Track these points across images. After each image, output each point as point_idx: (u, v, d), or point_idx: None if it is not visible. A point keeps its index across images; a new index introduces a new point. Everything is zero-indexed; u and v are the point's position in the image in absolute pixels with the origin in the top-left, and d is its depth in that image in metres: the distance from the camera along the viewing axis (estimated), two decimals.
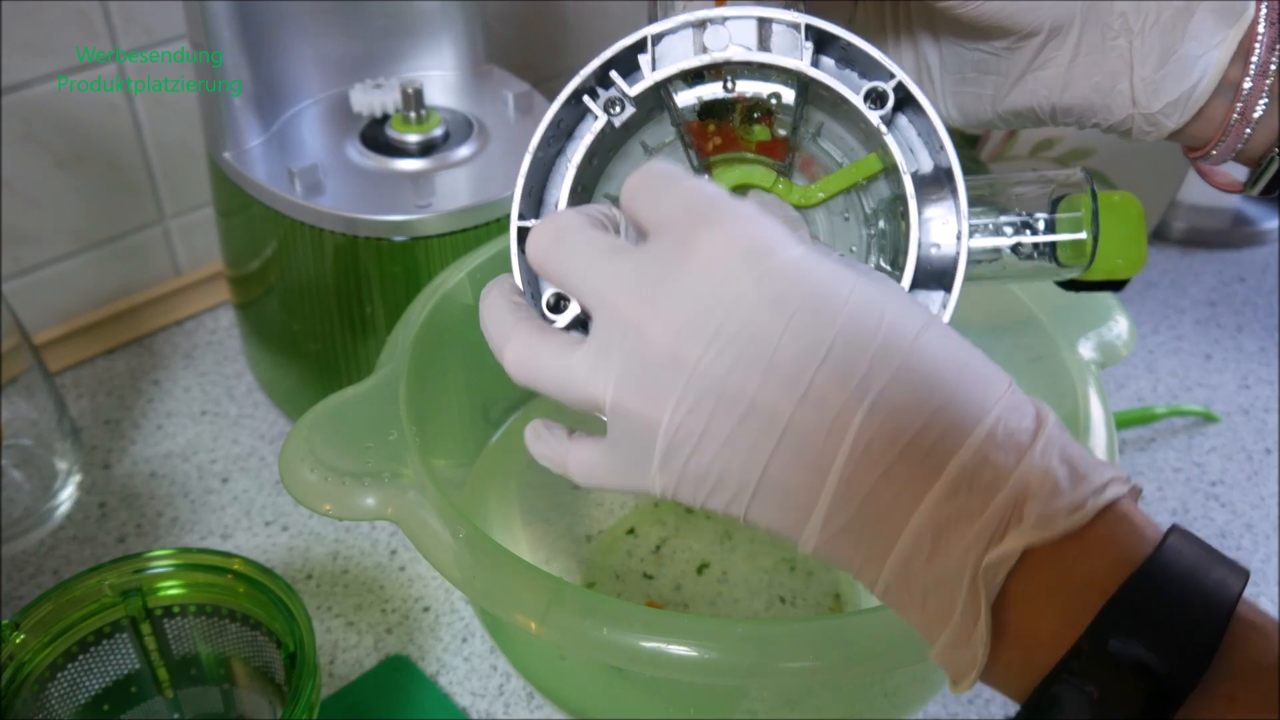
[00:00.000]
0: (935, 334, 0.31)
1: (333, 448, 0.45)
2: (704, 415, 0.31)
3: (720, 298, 0.31)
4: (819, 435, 0.30)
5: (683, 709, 0.49)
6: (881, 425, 0.30)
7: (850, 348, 0.30)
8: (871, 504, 0.30)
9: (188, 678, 0.51)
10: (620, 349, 0.32)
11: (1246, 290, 0.85)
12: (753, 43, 0.37)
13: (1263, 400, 0.75)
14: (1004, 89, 0.42)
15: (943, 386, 0.30)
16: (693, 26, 0.37)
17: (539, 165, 0.39)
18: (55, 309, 0.76)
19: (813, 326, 0.30)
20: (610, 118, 0.38)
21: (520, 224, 0.39)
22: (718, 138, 0.39)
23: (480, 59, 0.72)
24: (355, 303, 0.63)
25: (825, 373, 0.30)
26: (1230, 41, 0.39)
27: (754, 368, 0.30)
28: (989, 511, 0.29)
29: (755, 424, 0.31)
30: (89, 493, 0.68)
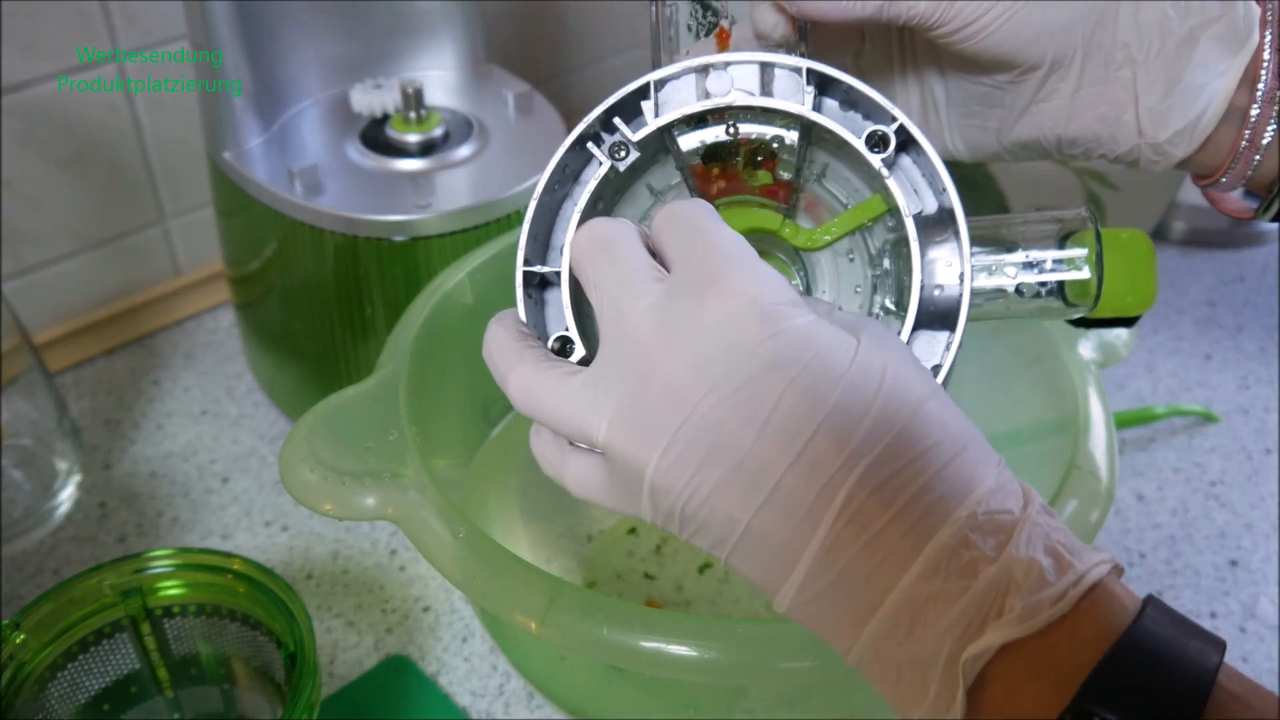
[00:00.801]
0: (934, 407, 0.31)
1: (333, 448, 0.45)
2: (694, 462, 0.31)
3: (728, 350, 0.31)
4: (808, 497, 0.30)
5: (683, 709, 0.49)
6: (871, 495, 0.30)
7: (848, 413, 0.30)
8: (852, 573, 0.30)
9: (188, 678, 0.51)
10: (620, 384, 0.32)
11: (1246, 290, 0.85)
12: (755, 87, 0.37)
13: (1262, 400, 0.75)
14: (1009, 122, 0.42)
15: (933, 461, 0.30)
16: (695, 72, 0.37)
17: (545, 210, 0.39)
18: (55, 309, 0.76)
19: (814, 389, 0.31)
20: (614, 163, 0.38)
21: (526, 269, 0.39)
22: (721, 180, 0.40)
23: (480, 59, 0.72)
24: (355, 303, 0.63)
25: (822, 436, 0.30)
26: (1235, 69, 0.39)
27: (751, 422, 0.31)
28: (967, 598, 0.29)
29: (745, 477, 0.31)
30: (89, 493, 0.68)
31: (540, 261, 0.39)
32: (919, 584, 0.30)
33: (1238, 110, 0.40)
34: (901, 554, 0.30)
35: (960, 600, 0.29)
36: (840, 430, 0.30)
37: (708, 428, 0.31)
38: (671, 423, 0.31)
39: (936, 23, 0.37)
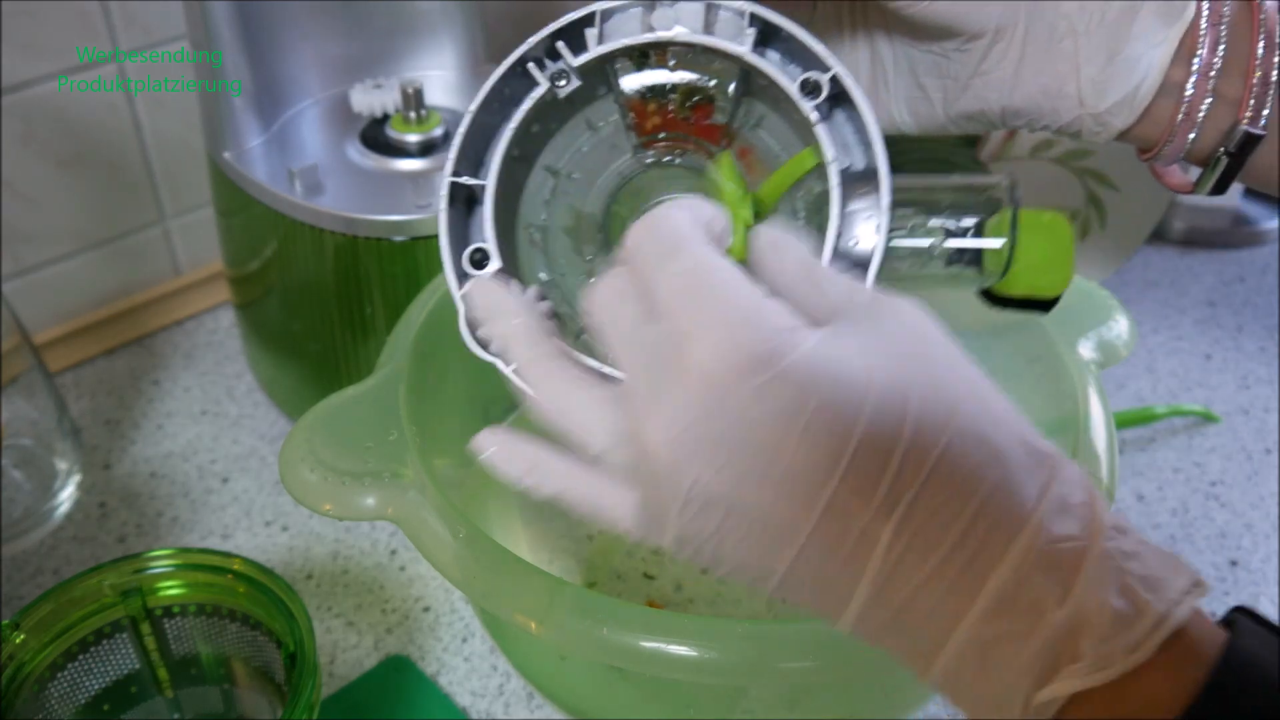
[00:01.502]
0: (968, 413, 0.29)
1: (333, 448, 0.45)
2: (713, 521, 0.29)
3: (720, 412, 0.29)
4: (846, 544, 0.29)
5: (683, 709, 0.49)
6: (913, 539, 0.28)
7: (875, 454, 0.28)
8: (910, 612, 0.29)
9: (188, 678, 0.51)
10: (627, 447, 0.31)
11: (1246, 290, 0.85)
12: (699, 27, 0.38)
13: (1263, 400, 0.75)
14: (954, 93, 0.42)
15: (980, 486, 0.28)
16: (642, 5, 0.38)
17: (480, 129, 0.40)
18: (55, 309, 0.76)
19: (829, 435, 0.28)
20: (553, 86, 0.39)
21: (454, 179, 0.40)
22: (657, 118, 0.40)
23: (480, 59, 0.72)
24: (355, 303, 0.63)
25: (848, 485, 0.28)
26: (1170, 41, 0.39)
27: (764, 485, 0.29)
28: (1036, 642, 0.28)
29: (771, 534, 0.29)
30: (89, 493, 0.68)
31: (472, 175, 0.40)
32: (984, 624, 0.28)
33: (1175, 84, 0.40)
34: (962, 590, 0.28)
35: (1030, 641, 0.28)
36: (868, 475, 0.28)
37: (719, 494, 0.29)
38: (679, 489, 0.29)
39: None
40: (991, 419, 0.29)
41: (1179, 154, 0.42)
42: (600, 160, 0.42)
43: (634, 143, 0.41)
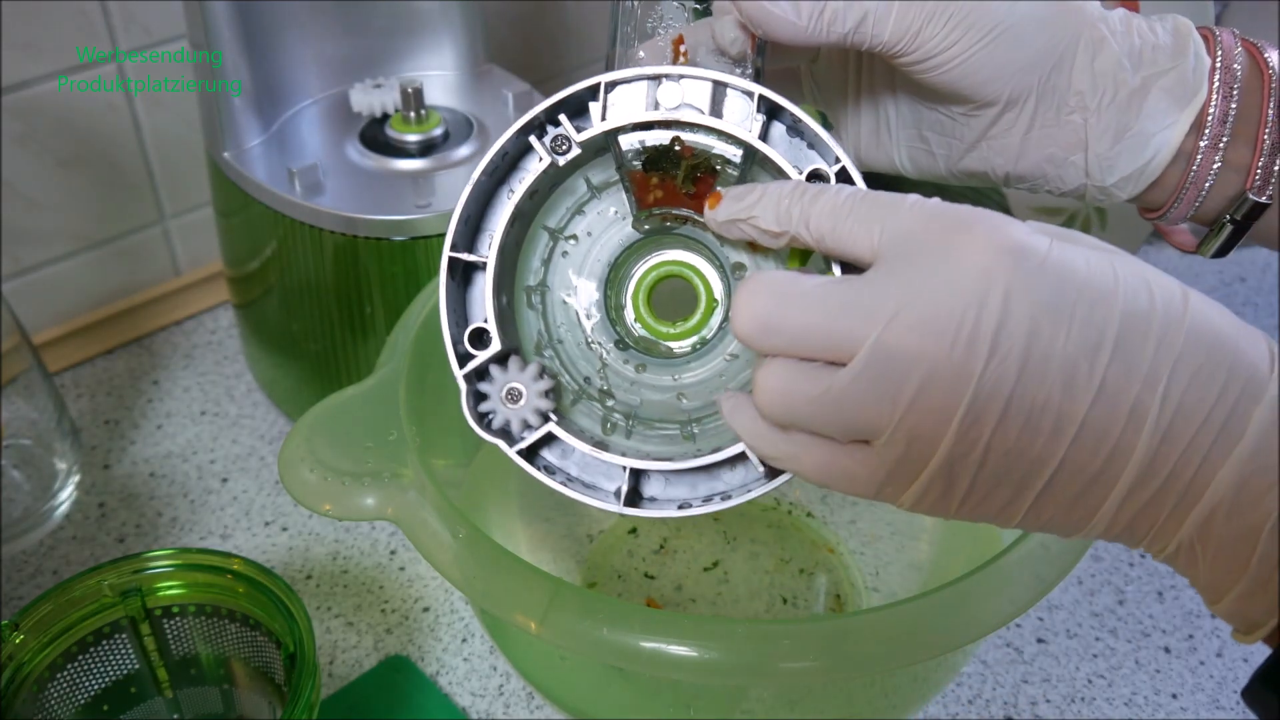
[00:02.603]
0: (1195, 298, 0.31)
1: (333, 448, 0.45)
2: (988, 428, 0.30)
3: (991, 305, 0.30)
4: (1115, 428, 0.30)
5: (683, 709, 0.49)
6: (1179, 406, 0.30)
7: (1134, 336, 0.30)
8: (1175, 478, 0.30)
9: (187, 678, 0.51)
10: (891, 383, 0.30)
11: (1246, 290, 0.85)
12: (705, 104, 0.37)
13: None
14: (958, 151, 0.42)
15: (1224, 348, 0.30)
16: (648, 79, 0.37)
17: (479, 193, 0.39)
18: (55, 309, 0.76)
19: (1092, 324, 0.30)
20: (556, 158, 0.38)
21: (452, 254, 0.39)
22: (659, 191, 0.39)
23: (480, 59, 0.72)
24: (355, 303, 0.63)
25: (1116, 368, 0.30)
26: (1183, 123, 0.40)
27: (1041, 375, 0.30)
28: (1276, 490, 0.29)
29: (1045, 427, 0.30)
30: (89, 493, 0.68)
31: (469, 246, 0.40)
32: (1244, 463, 0.30)
33: (1184, 153, 0.40)
34: (1223, 442, 0.30)
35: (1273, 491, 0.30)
36: (1131, 355, 0.30)
37: (996, 391, 0.30)
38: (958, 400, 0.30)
39: (900, 51, 0.37)
40: (1208, 299, 0.31)
41: (1184, 217, 0.43)
42: (599, 227, 0.42)
43: (635, 213, 0.41)
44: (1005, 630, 0.61)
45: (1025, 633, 0.61)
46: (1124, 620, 0.62)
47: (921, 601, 0.41)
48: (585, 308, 0.43)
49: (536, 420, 0.40)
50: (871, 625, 0.40)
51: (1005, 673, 0.59)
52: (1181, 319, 0.30)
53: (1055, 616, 0.62)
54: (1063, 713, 0.57)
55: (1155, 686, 0.58)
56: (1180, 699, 0.58)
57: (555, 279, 0.43)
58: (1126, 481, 0.30)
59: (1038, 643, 0.60)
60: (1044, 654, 0.60)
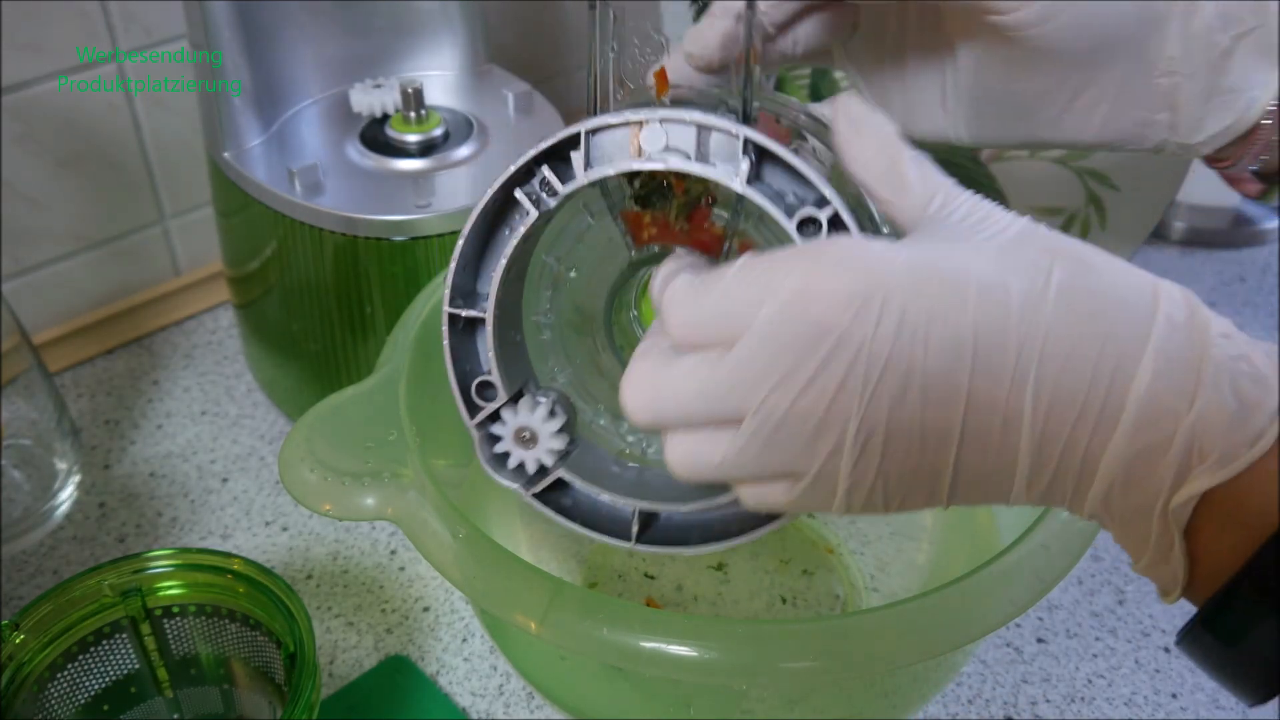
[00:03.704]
0: (1061, 277, 0.30)
1: (333, 448, 0.45)
2: (877, 455, 0.31)
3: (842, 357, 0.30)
4: (994, 435, 0.31)
5: (683, 709, 0.49)
6: (1053, 399, 0.30)
7: (991, 345, 0.30)
8: (1065, 467, 0.31)
9: (188, 678, 0.51)
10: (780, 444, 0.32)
11: (1246, 290, 0.85)
12: (691, 148, 0.36)
13: None
14: (1033, 120, 0.42)
15: (1094, 333, 0.30)
16: (629, 126, 0.36)
17: (473, 239, 0.39)
18: (55, 309, 0.76)
19: (947, 341, 0.30)
20: (542, 210, 0.38)
21: (451, 311, 0.39)
22: (653, 228, 0.39)
23: (480, 59, 0.72)
24: (355, 303, 0.63)
25: (979, 380, 0.30)
26: (1273, 83, 0.40)
27: (912, 399, 0.30)
28: (1172, 449, 0.30)
29: (931, 444, 0.31)
30: (89, 493, 0.68)
31: (471, 288, 0.40)
32: (1127, 444, 0.30)
33: None
34: (1104, 423, 0.30)
35: (1167, 452, 0.30)
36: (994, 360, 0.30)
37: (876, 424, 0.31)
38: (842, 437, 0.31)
39: (1004, 9, 0.37)
40: (1087, 269, 0.31)
41: (1251, 166, 0.42)
42: (597, 256, 0.42)
43: (630, 250, 0.41)
44: (1005, 630, 0.61)
45: (1025, 633, 0.61)
46: (1124, 620, 0.62)
47: (921, 601, 0.41)
48: (594, 333, 0.44)
49: (550, 460, 0.41)
50: (871, 625, 0.40)
51: (1005, 673, 0.59)
52: (1042, 311, 0.30)
53: (1055, 616, 0.62)
54: (1063, 713, 0.57)
55: (1155, 686, 0.58)
56: (1180, 699, 0.58)
57: (563, 305, 0.43)
58: (1022, 475, 0.31)
59: (1038, 643, 0.60)
60: (1044, 654, 0.60)
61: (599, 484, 0.42)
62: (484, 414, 0.41)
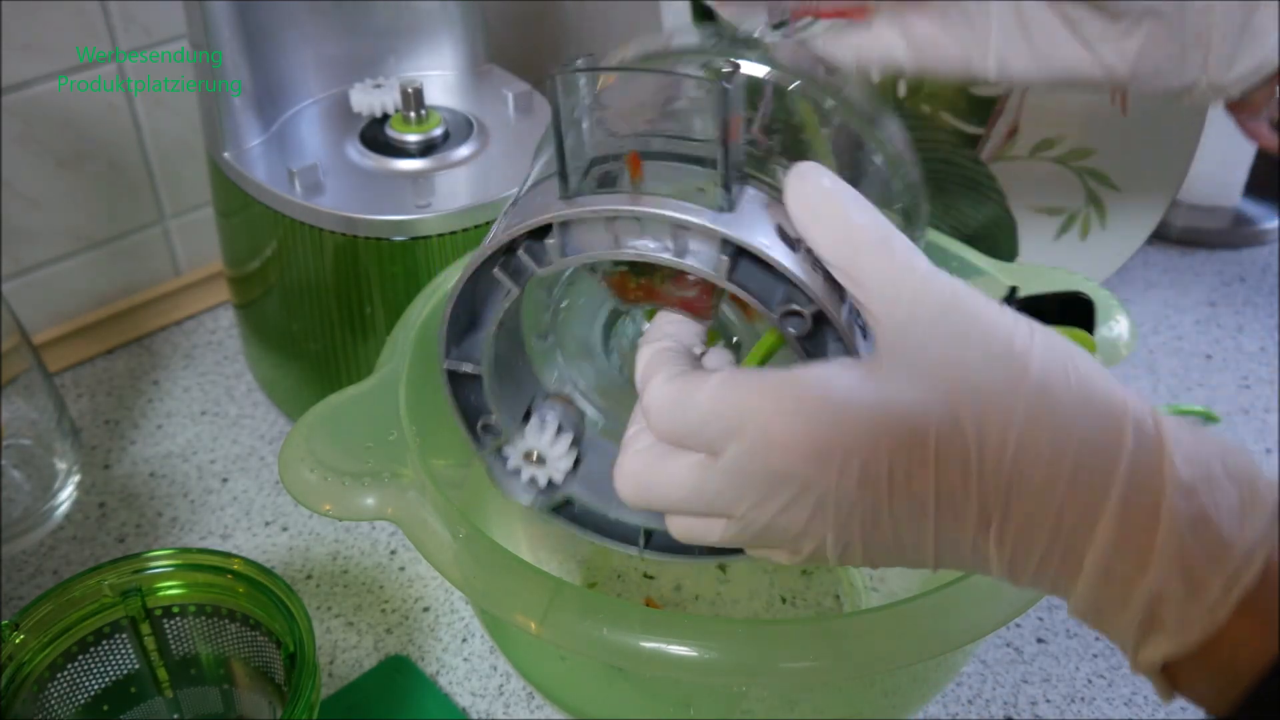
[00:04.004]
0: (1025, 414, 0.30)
1: (333, 448, 0.45)
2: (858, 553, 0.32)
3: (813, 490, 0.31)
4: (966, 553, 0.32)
5: (683, 709, 0.49)
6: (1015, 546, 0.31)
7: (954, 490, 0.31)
8: (1039, 583, 0.31)
9: (187, 678, 0.51)
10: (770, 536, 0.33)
11: (1246, 290, 0.85)
12: (669, 238, 0.34)
13: (1263, 400, 0.75)
14: (1071, 52, 0.41)
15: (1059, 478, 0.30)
16: (604, 220, 0.35)
17: (464, 298, 0.39)
18: (55, 309, 0.76)
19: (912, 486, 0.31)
20: (521, 285, 0.37)
21: (449, 368, 0.40)
22: (639, 291, 0.39)
23: (480, 59, 0.72)
24: (355, 303, 0.63)
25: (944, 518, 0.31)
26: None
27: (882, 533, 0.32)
28: (1130, 609, 0.30)
29: (908, 555, 0.32)
30: (89, 493, 0.68)
31: (465, 328, 0.40)
32: (1091, 593, 0.30)
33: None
34: (1067, 570, 0.30)
35: (1125, 610, 0.30)
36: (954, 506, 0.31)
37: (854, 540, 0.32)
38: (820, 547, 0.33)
39: None
40: (1052, 407, 0.30)
41: (1274, 114, 0.43)
42: (590, 292, 0.42)
43: (617, 306, 0.41)
44: (1005, 630, 0.61)
45: (1025, 633, 0.61)
46: None
47: (921, 601, 0.41)
48: (592, 349, 0.44)
49: (560, 475, 0.42)
50: (871, 625, 0.40)
51: (1005, 673, 0.59)
52: (1003, 454, 0.30)
53: (1055, 616, 0.62)
54: (1063, 713, 0.57)
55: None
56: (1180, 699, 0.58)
57: (560, 328, 0.44)
58: (998, 576, 0.32)
59: (1038, 643, 0.60)
60: (1044, 654, 0.60)
61: (608, 497, 0.43)
62: (489, 449, 0.43)
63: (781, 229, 0.34)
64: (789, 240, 0.34)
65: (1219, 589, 0.28)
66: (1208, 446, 0.30)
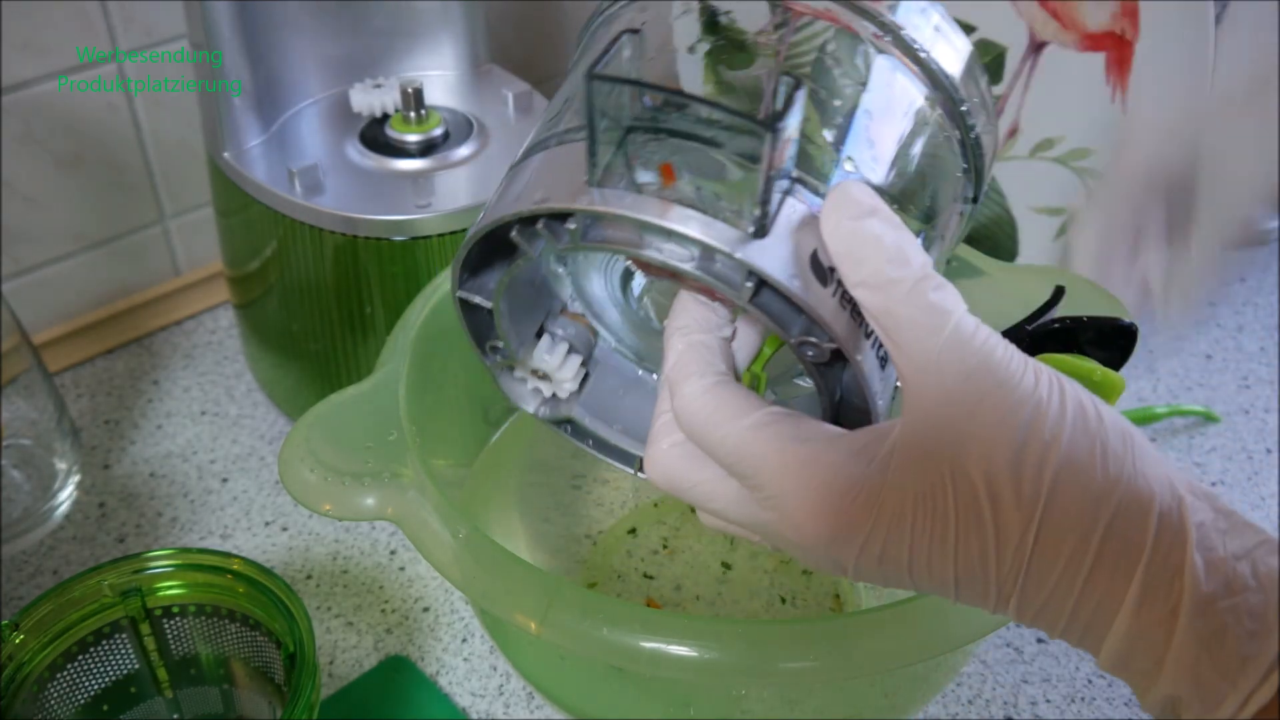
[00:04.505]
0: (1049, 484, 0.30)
1: (333, 448, 0.45)
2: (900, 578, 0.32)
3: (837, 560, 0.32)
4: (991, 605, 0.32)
5: (683, 709, 0.49)
6: (1037, 618, 0.31)
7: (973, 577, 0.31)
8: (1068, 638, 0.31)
9: (187, 678, 0.51)
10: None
11: (1246, 290, 0.85)
12: (695, 251, 0.33)
13: (1263, 400, 0.75)
14: None
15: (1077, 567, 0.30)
16: (629, 220, 0.34)
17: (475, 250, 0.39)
18: (55, 309, 0.76)
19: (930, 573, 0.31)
20: (535, 251, 0.36)
21: (462, 295, 0.40)
22: (661, 270, 0.38)
23: (480, 59, 0.72)
24: (355, 303, 0.63)
25: (965, 591, 0.31)
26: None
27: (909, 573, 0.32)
28: (1151, 696, 0.30)
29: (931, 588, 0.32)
30: (89, 493, 0.68)
31: (475, 272, 0.40)
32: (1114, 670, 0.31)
33: None
34: (1090, 640, 0.31)
35: (1148, 694, 0.30)
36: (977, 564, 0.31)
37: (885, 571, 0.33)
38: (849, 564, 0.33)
39: None
40: (1076, 493, 0.30)
41: None
42: None
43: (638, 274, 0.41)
44: (1005, 630, 0.61)
45: (1025, 633, 0.61)
46: None
47: (921, 601, 0.41)
48: (608, 290, 0.44)
49: (565, 392, 0.43)
50: (871, 625, 0.40)
51: (1005, 673, 0.59)
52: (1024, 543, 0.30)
53: None
54: (1063, 713, 0.57)
55: None
56: None
57: (581, 265, 0.43)
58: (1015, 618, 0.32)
59: (1038, 643, 0.60)
60: (1044, 654, 0.60)
61: (612, 418, 0.44)
62: (499, 365, 0.43)
63: (816, 257, 0.33)
64: (821, 271, 0.32)
65: (1233, 705, 0.28)
66: (1237, 541, 0.29)
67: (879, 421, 0.35)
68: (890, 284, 0.30)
